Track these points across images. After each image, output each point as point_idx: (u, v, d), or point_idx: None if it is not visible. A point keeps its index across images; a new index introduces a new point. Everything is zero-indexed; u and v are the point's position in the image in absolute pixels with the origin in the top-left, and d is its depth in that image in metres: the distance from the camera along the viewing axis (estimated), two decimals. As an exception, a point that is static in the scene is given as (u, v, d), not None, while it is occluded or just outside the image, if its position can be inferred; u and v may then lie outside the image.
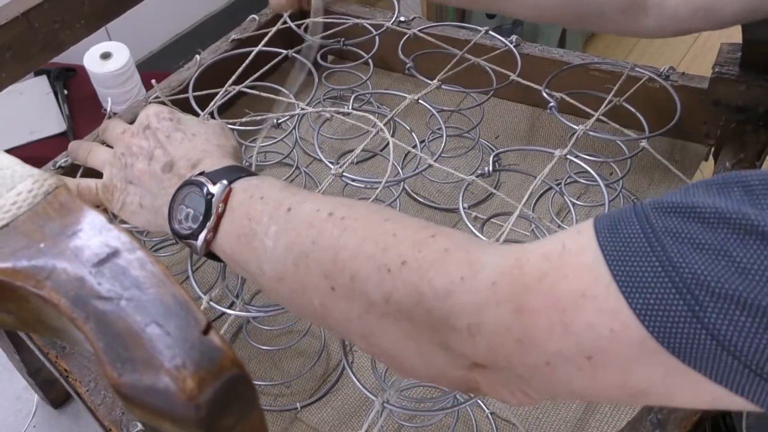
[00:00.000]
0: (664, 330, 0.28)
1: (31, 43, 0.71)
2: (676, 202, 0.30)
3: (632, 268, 0.29)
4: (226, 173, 0.47)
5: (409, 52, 0.82)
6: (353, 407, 0.68)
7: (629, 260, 0.29)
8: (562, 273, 0.31)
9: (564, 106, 0.74)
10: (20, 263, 0.26)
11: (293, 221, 0.42)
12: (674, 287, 0.28)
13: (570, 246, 0.32)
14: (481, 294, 0.33)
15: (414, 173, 0.77)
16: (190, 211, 0.46)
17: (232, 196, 0.45)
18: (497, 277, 0.33)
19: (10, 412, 1.01)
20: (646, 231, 0.30)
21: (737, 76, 0.75)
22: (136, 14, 0.83)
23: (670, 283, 0.28)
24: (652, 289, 0.28)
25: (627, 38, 2.12)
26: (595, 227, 0.32)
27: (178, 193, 0.48)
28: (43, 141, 1.30)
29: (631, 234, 0.30)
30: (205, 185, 0.46)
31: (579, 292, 0.30)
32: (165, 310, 0.24)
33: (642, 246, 0.29)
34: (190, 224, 0.46)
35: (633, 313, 0.29)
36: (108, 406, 0.61)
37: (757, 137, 0.76)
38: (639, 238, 0.30)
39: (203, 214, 0.45)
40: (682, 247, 0.28)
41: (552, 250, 0.33)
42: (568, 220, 0.81)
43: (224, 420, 0.24)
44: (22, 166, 0.29)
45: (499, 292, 0.33)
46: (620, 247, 0.30)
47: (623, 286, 0.29)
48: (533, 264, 0.33)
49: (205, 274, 0.79)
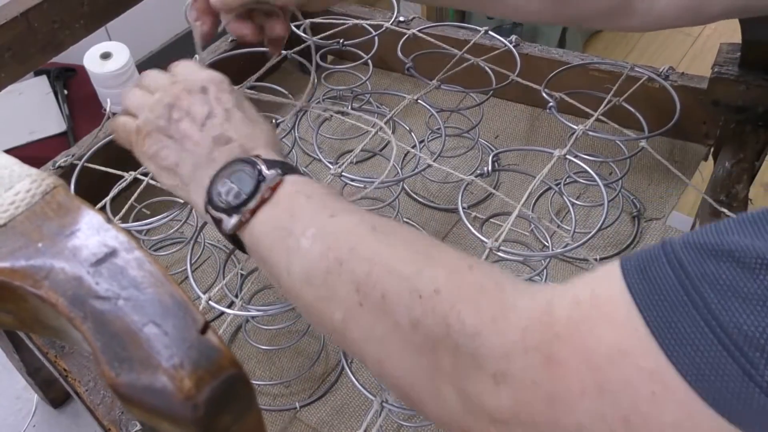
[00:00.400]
0: (712, 391, 0.26)
1: (31, 43, 0.71)
2: (710, 244, 0.28)
3: (672, 323, 0.27)
4: (281, 165, 0.46)
5: (408, 53, 0.82)
6: (352, 407, 0.68)
7: (667, 314, 0.27)
8: (594, 323, 0.29)
9: (563, 106, 0.74)
10: (18, 263, 0.26)
11: (334, 227, 0.41)
12: (721, 345, 0.26)
13: (600, 292, 0.30)
14: (510, 338, 0.31)
15: (413, 173, 0.77)
16: (234, 187, 0.45)
17: (281, 186, 0.44)
18: (527, 323, 0.31)
19: (10, 411, 1.01)
20: (682, 279, 0.27)
21: (737, 76, 0.75)
22: (136, 14, 0.83)
23: (716, 340, 0.26)
24: (696, 348, 0.26)
25: (627, 38, 2.12)
26: (623, 268, 0.30)
27: (226, 167, 0.46)
28: (43, 141, 1.30)
29: (666, 281, 0.28)
30: (259, 166, 0.45)
31: (614, 347, 0.28)
32: (163, 310, 0.24)
33: (679, 297, 0.27)
34: (229, 200, 0.44)
35: (677, 372, 0.27)
36: (107, 406, 0.61)
37: (756, 137, 0.76)
38: (675, 287, 0.28)
39: (248, 194, 0.44)
40: (724, 298, 0.26)
41: (583, 296, 0.31)
42: (567, 219, 0.81)
43: (222, 419, 0.24)
44: (21, 166, 0.29)
45: (528, 338, 0.31)
46: (655, 296, 0.28)
47: (664, 343, 0.27)
48: (564, 310, 0.31)
49: (204, 273, 0.79)
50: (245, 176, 0.45)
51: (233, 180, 0.45)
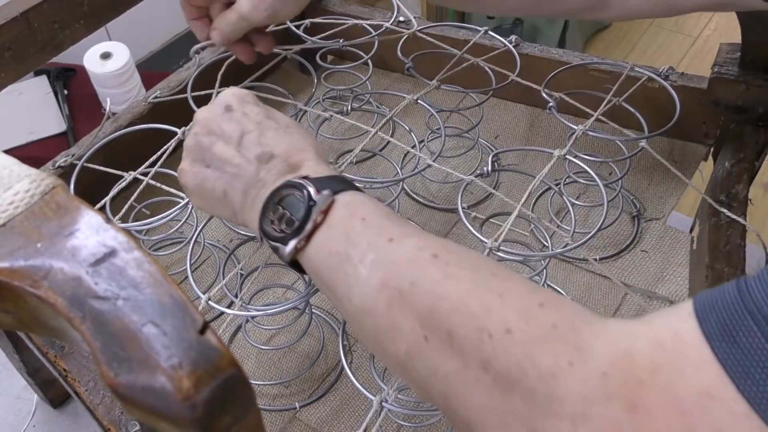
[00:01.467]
0: None
1: (31, 43, 0.71)
2: None
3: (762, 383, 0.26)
4: (330, 182, 0.44)
5: (408, 53, 0.82)
6: (352, 407, 0.68)
7: (756, 375, 0.26)
8: (680, 368, 0.28)
9: (563, 106, 0.74)
10: (17, 263, 0.26)
11: (393, 255, 0.39)
12: None
13: (683, 333, 0.29)
14: (590, 385, 0.30)
15: (413, 173, 0.77)
16: (286, 213, 0.43)
17: (334, 209, 0.42)
18: (607, 368, 0.30)
19: (10, 411, 1.01)
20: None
21: (736, 76, 0.75)
22: (136, 14, 0.83)
23: None
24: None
25: (627, 38, 2.12)
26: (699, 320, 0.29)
27: (276, 192, 0.45)
28: (43, 141, 1.30)
29: (753, 343, 0.27)
30: (307, 189, 0.43)
31: (704, 393, 0.27)
32: (162, 310, 0.24)
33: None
34: (283, 227, 0.43)
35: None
36: (107, 406, 0.61)
37: (756, 137, 0.76)
38: (765, 349, 0.26)
39: (300, 220, 0.42)
40: None
41: (665, 338, 0.29)
42: (567, 220, 0.81)
43: (221, 420, 0.24)
44: (20, 166, 0.29)
45: (609, 385, 0.30)
46: (742, 358, 0.27)
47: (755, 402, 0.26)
48: (646, 355, 0.29)
49: (204, 273, 0.79)
50: (295, 200, 0.43)
51: (284, 205, 0.44)
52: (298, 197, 0.43)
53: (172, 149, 0.69)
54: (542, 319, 0.34)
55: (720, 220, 0.68)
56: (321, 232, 0.42)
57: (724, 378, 0.27)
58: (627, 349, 0.30)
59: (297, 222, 0.42)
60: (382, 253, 0.39)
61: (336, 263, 0.41)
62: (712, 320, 0.28)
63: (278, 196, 0.44)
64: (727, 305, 0.28)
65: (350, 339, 0.73)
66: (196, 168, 0.49)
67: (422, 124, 0.89)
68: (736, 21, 0.72)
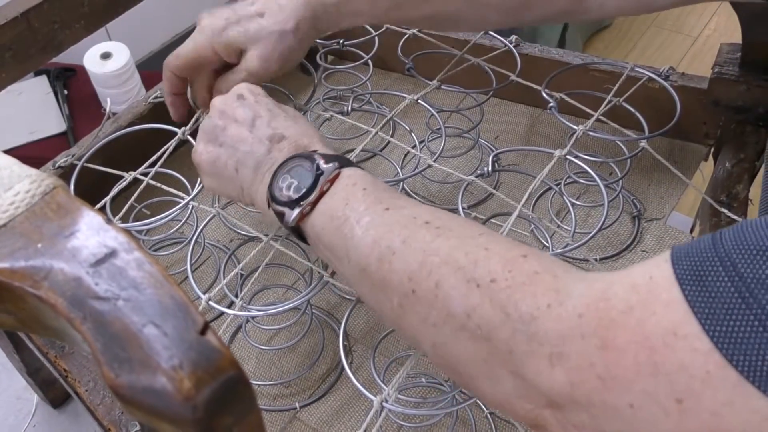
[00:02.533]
0: (761, 374, 0.27)
1: (31, 44, 0.71)
2: (765, 247, 0.28)
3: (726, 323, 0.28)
4: (337, 158, 0.48)
5: (408, 53, 0.82)
6: (352, 407, 0.68)
7: (721, 316, 0.28)
8: (651, 308, 0.30)
9: (563, 107, 0.74)
10: (18, 263, 0.26)
11: (388, 219, 0.42)
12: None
13: (657, 277, 0.31)
14: (567, 324, 0.32)
15: (413, 173, 0.77)
16: (294, 182, 0.47)
17: (339, 179, 0.46)
18: (583, 310, 0.32)
19: (10, 411, 1.01)
20: (737, 284, 0.28)
21: (737, 77, 0.75)
22: (136, 14, 0.83)
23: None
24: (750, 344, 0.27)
25: (627, 38, 2.12)
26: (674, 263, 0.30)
27: (286, 163, 0.48)
28: (43, 141, 1.30)
29: (720, 286, 0.28)
30: (317, 161, 0.47)
31: (670, 331, 0.29)
32: (162, 311, 0.24)
33: (735, 302, 0.28)
34: (290, 194, 0.47)
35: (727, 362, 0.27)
36: (107, 406, 0.61)
37: (757, 137, 0.76)
38: (730, 292, 0.28)
39: (307, 187, 0.46)
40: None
41: (640, 282, 0.31)
42: (567, 220, 0.81)
43: (221, 420, 0.24)
44: (20, 167, 0.29)
45: (584, 325, 0.32)
46: (709, 300, 0.28)
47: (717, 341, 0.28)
48: (620, 296, 0.31)
49: (204, 273, 0.79)
50: (304, 171, 0.47)
51: (293, 175, 0.47)
52: (306, 167, 0.47)
53: (172, 149, 0.69)
54: (525, 267, 0.36)
55: (720, 221, 0.68)
56: (325, 199, 0.46)
57: (691, 317, 0.28)
58: (604, 292, 0.32)
59: (305, 189, 0.46)
60: (376, 217, 0.43)
61: (335, 226, 0.44)
62: (685, 265, 0.30)
63: (288, 166, 0.48)
64: (700, 252, 0.30)
65: (350, 339, 0.73)
66: (210, 148, 0.53)
67: (422, 124, 0.89)
68: (737, 21, 0.72)
